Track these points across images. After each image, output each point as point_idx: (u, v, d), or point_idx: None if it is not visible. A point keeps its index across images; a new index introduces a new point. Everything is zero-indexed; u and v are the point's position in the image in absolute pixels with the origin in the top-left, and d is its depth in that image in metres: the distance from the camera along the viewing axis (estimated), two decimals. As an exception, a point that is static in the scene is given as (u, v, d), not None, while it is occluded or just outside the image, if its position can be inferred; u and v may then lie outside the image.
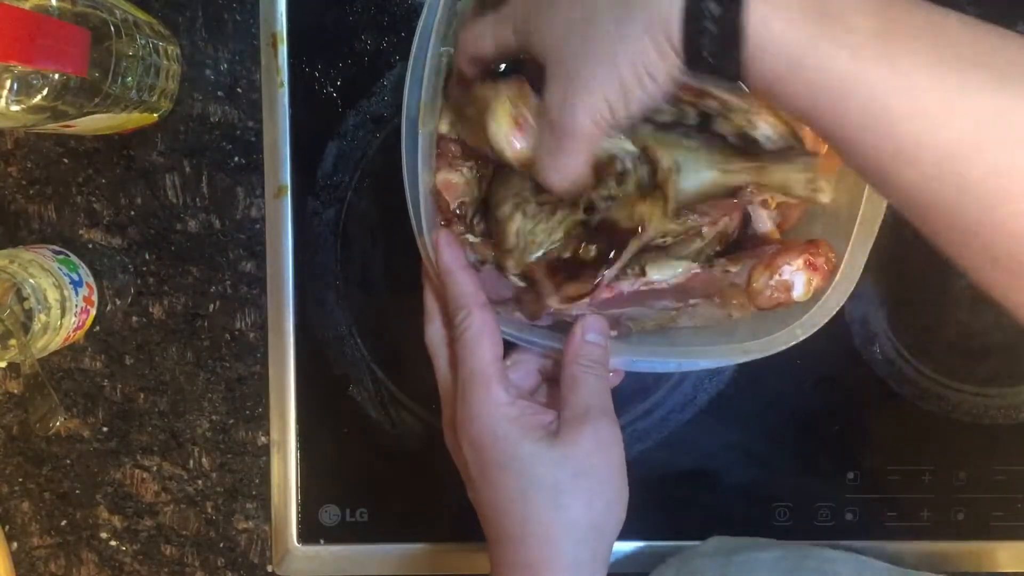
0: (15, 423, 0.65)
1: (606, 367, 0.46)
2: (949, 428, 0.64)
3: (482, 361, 0.44)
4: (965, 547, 0.64)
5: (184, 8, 0.61)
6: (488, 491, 0.44)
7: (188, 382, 0.64)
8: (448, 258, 0.45)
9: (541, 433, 0.43)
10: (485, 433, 0.43)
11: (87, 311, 0.60)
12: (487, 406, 0.43)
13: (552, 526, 0.42)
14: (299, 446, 0.64)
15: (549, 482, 0.42)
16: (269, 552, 0.65)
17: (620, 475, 0.44)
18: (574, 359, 0.45)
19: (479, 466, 0.44)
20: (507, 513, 0.43)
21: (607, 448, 0.44)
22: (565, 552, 0.42)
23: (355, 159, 0.62)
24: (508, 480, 0.43)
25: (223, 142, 0.62)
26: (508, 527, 0.43)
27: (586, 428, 0.43)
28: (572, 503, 0.42)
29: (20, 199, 0.63)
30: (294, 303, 0.63)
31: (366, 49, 0.61)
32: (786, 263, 0.47)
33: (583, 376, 0.45)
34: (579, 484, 0.43)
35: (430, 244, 0.46)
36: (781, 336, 0.47)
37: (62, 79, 0.48)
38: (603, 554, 0.44)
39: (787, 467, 0.64)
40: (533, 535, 0.42)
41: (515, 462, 0.43)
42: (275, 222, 0.62)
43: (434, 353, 0.48)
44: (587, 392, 0.44)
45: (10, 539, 0.66)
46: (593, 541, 0.43)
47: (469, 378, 0.44)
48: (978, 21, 0.33)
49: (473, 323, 0.44)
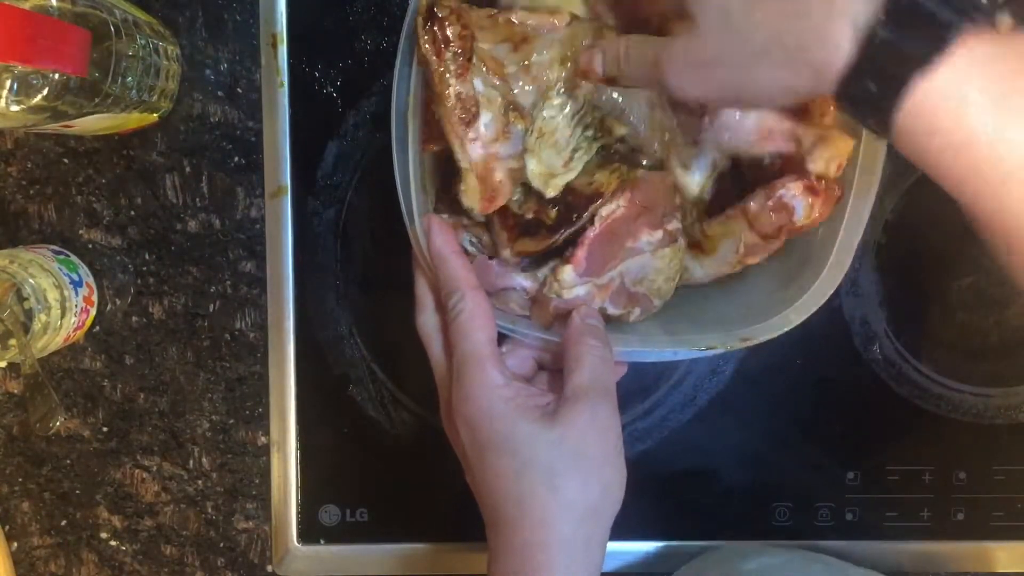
0: (15, 423, 0.65)
1: (608, 347, 0.46)
2: (949, 428, 0.64)
3: (477, 343, 0.44)
4: (965, 547, 0.64)
5: (184, 8, 0.61)
6: (484, 473, 0.44)
7: (188, 382, 0.64)
8: (439, 242, 0.45)
9: (537, 414, 0.43)
10: (480, 413, 0.43)
11: (87, 311, 0.60)
12: (482, 387, 0.43)
13: (547, 507, 0.42)
14: (299, 446, 0.64)
15: (544, 463, 0.42)
16: (269, 552, 0.65)
17: (617, 457, 0.44)
18: (577, 339, 0.45)
19: (475, 447, 0.44)
20: (502, 494, 0.43)
21: (604, 430, 0.43)
22: (560, 533, 0.42)
23: (355, 159, 0.62)
24: (503, 461, 0.43)
25: (223, 142, 0.62)
26: (504, 509, 0.43)
27: (584, 409, 0.43)
28: (567, 484, 0.42)
29: (20, 199, 0.63)
30: (294, 303, 0.63)
31: (366, 49, 0.61)
32: (784, 187, 0.46)
33: (585, 355, 0.44)
34: (575, 465, 0.42)
35: (420, 230, 0.46)
36: (776, 322, 0.46)
37: (62, 79, 0.48)
38: (599, 537, 0.44)
39: (787, 467, 0.64)
40: (528, 516, 0.42)
41: (510, 442, 0.42)
42: (275, 222, 0.62)
43: (427, 340, 0.48)
44: (589, 371, 0.44)
45: (10, 539, 0.66)
46: (589, 523, 0.43)
47: (464, 360, 0.44)
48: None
49: (466, 305, 0.44)
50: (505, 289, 0.48)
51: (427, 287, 0.48)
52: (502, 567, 0.43)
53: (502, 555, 0.43)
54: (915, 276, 0.63)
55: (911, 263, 0.63)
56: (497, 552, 0.44)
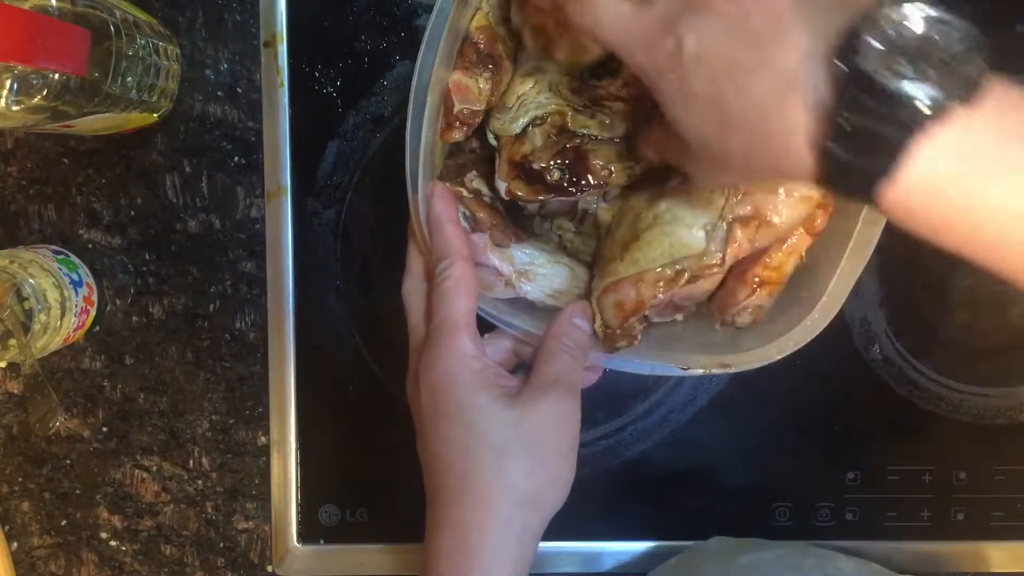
0: (15, 423, 0.65)
1: (585, 353, 0.46)
2: (949, 428, 0.64)
3: (455, 310, 0.44)
4: (965, 547, 0.64)
5: (184, 8, 0.61)
6: (435, 441, 0.44)
7: (188, 382, 0.64)
8: (439, 208, 0.45)
9: (500, 392, 0.43)
10: (445, 380, 0.43)
11: (87, 311, 0.60)
12: (452, 354, 0.43)
13: (491, 487, 0.42)
14: (299, 446, 0.64)
15: (496, 441, 0.42)
16: (269, 552, 0.65)
17: (570, 453, 0.44)
18: (555, 335, 0.46)
19: (432, 413, 0.44)
20: (449, 466, 0.43)
21: (563, 423, 0.43)
22: (498, 514, 0.42)
23: (355, 159, 0.62)
24: (457, 432, 0.43)
25: (223, 142, 0.62)
26: (448, 481, 0.43)
27: (547, 397, 0.43)
28: (514, 467, 0.42)
29: (20, 199, 0.63)
30: (294, 303, 0.63)
31: (366, 49, 0.61)
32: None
33: (559, 352, 0.45)
34: (526, 450, 0.42)
35: (423, 196, 0.46)
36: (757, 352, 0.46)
37: (62, 79, 0.48)
38: (535, 526, 0.43)
39: (787, 467, 0.64)
40: (470, 493, 0.42)
41: (467, 414, 0.43)
42: (275, 222, 0.62)
43: (409, 306, 0.48)
44: (559, 367, 0.44)
45: (10, 539, 0.66)
46: (528, 510, 0.43)
47: (439, 326, 0.44)
48: None
49: (453, 273, 0.44)
50: (479, 265, 0.48)
51: (417, 254, 0.48)
52: (436, 544, 0.43)
53: (437, 532, 0.43)
54: (915, 276, 0.63)
55: (911, 263, 0.63)
56: (433, 528, 0.44)
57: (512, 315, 0.48)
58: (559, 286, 0.49)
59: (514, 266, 0.48)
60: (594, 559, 0.64)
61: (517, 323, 0.48)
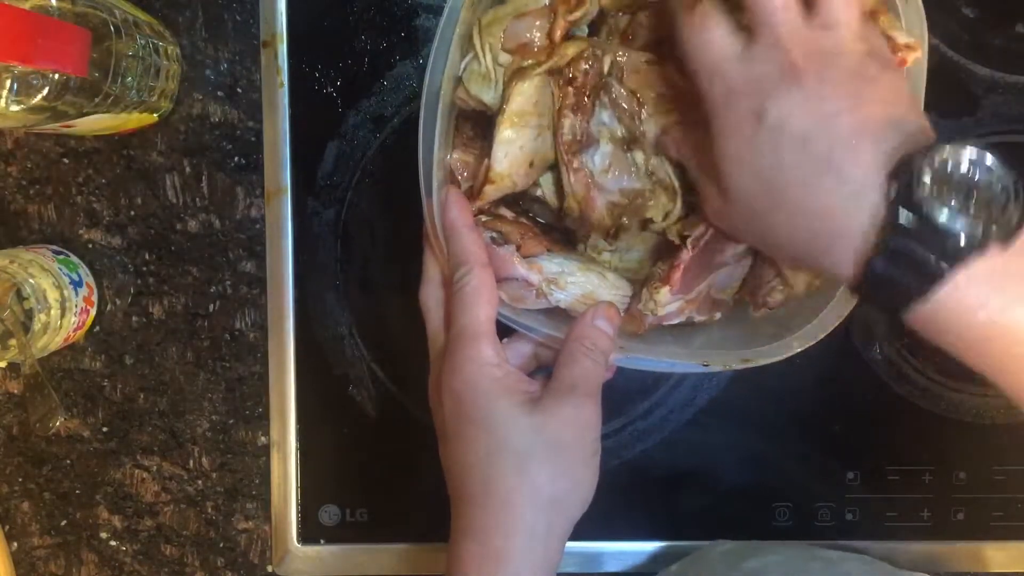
0: (15, 423, 0.65)
1: (606, 356, 0.46)
2: (949, 428, 0.64)
3: (475, 318, 0.44)
4: (965, 547, 0.64)
5: (184, 8, 0.61)
6: (458, 447, 0.44)
7: (188, 382, 0.64)
8: (454, 214, 0.45)
9: (522, 398, 0.43)
10: (466, 386, 0.43)
11: (87, 311, 0.60)
12: (473, 361, 0.43)
13: (513, 491, 0.42)
14: (299, 446, 0.64)
15: (518, 447, 0.42)
16: (269, 552, 0.65)
17: (592, 458, 0.44)
18: (577, 338, 0.45)
19: (454, 420, 0.44)
20: (471, 472, 0.43)
21: (584, 428, 0.43)
22: (522, 519, 0.42)
23: (355, 159, 0.62)
24: (479, 437, 0.43)
25: (223, 142, 0.62)
26: (470, 487, 0.43)
27: (568, 403, 0.43)
28: (537, 472, 0.42)
29: (20, 199, 0.63)
30: (294, 303, 0.63)
31: (366, 49, 0.61)
32: None
33: (580, 356, 0.45)
34: (548, 455, 0.42)
35: (437, 203, 0.45)
36: (776, 347, 0.47)
37: (62, 79, 0.48)
38: (560, 530, 0.43)
39: (787, 467, 0.64)
40: (493, 497, 0.42)
41: (489, 420, 0.43)
42: (275, 222, 0.62)
43: (427, 313, 0.47)
44: (579, 371, 0.44)
45: (10, 539, 0.66)
46: (552, 513, 0.43)
47: (460, 333, 0.44)
48: None
49: (472, 280, 0.44)
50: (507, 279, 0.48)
51: (434, 261, 0.48)
52: (461, 549, 0.43)
53: (461, 537, 0.43)
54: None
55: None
56: (456, 535, 0.44)
57: (532, 319, 0.48)
58: (592, 290, 0.49)
59: (543, 275, 0.48)
60: (594, 559, 0.64)
61: (537, 327, 0.47)
